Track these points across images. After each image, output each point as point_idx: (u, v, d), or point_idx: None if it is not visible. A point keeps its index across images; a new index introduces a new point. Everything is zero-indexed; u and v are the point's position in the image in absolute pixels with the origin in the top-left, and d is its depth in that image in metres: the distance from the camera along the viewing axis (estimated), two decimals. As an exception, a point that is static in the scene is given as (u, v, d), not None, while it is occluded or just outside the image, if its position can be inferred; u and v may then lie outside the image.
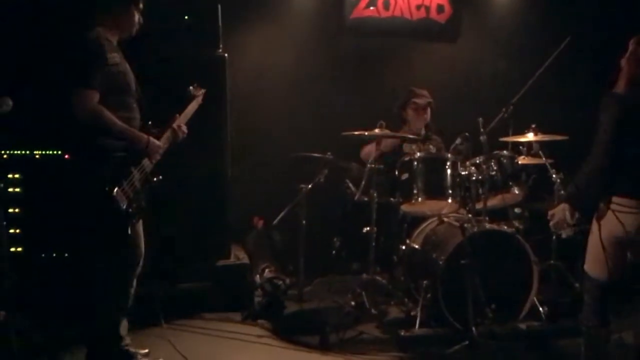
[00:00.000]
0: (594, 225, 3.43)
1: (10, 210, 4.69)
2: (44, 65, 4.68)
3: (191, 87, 4.16)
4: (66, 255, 4.78)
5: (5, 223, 4.02)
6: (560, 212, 3.50)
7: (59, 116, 4.13)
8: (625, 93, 3.35)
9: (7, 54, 4.84)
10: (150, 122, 3.80)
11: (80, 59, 3.49)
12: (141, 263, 3.86)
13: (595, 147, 3.34)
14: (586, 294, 3.54)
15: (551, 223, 3.58)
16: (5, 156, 4.74)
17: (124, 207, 3.44)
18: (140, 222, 3.81)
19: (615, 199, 3.31)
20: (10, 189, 4.73)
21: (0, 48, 4.82)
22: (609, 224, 3.33)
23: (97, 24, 3.63)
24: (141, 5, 3.81)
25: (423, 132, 5.57)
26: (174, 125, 3.90)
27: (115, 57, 3.58)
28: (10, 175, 4.74)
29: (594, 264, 3.44)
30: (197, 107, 4.15)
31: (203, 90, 4.20)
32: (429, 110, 5.55)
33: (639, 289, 3.63)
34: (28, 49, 4.83)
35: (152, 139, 3.71)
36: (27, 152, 4.80)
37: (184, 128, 3.96)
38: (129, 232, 3.56)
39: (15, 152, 4.78)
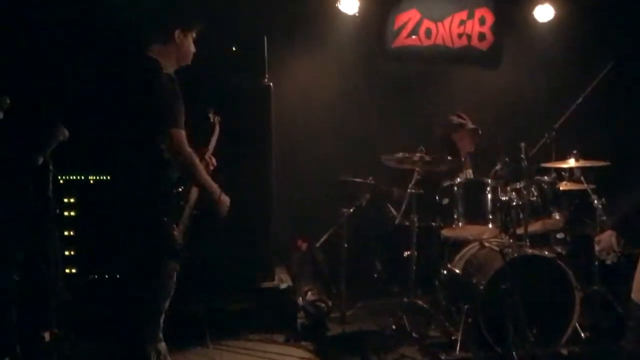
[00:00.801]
0: None
1: (66, 232, 4.89)
2: (101, 93, 4.92)
3: (209, 114, 4.19)
4: (117, 277, 4.95)
5: (60, 243, 4.16)
6: (606, 239, 3.52)
7: (113, 142, 4.37)
8: None
9: (63, 83, 5.11)
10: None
11: (170, 99, 3.46)
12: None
13: None
14: (631, 320, 3.53)
15: (597, 249, 3.59)
16: (61, 181, 4.96)
17: (180, 247, 3.50)
18: None
19: None
20: (66, 212, 4.94)
21: (57, 78, 5.10)
22: None
23: (158, 55, 3.63)
24: (195, 33, 3.80)
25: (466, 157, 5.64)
26: (206, 158, 3.91)
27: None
28: (66, 199, 4.95)
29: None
30: (218, 135, 4.15)
31: (218, 117, 4.21)
32: (477, 135, 5.62)
33: None
34: (83, 78, 5.08)
35: (224, 196, 3.67)
36: (82, 177, 5.00)
37: (214, 160, 3.96)
38: (174, 266, 3.59)
39: (71, 177, 4.99)
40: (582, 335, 4.60)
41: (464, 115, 5.69)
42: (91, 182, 5.01)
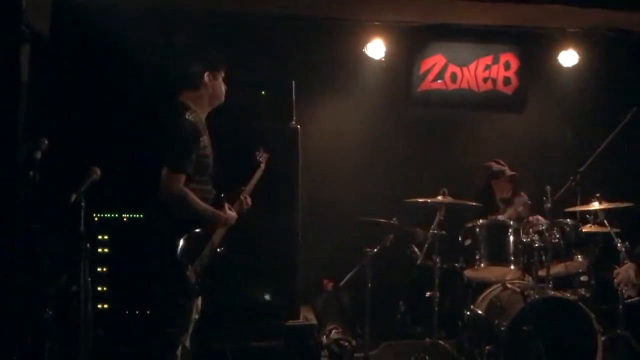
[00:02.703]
0: None
1: (99, 269, 5.05)
2: (134, 134, 5.15)
3: (257, 152, 4.34)
4: (147, 313, 5.09)
5: (90, 279, 4.29)
6: (625, 271, 3.58)
7: (147, 181, 4.56)
8: None
9: (98, 124, 5.35)
10: (222, 195, 3.93)
11: (178, 142, 3.62)
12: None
13: None
14: None
15: (616, 281, 3.65)
16: (96, 219, 5.14)
17: (193, 284, 3.62)
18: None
19: None
20: (100, 249, 5.11)
21: (92, 119, 5.35)
22: None
23: (189, 99, 3.80)
24: (224, 73, 3.95)
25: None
26: (242, 197, 4.04)
27: (205, 139, 3.70)
28: (99, 237, 5.13)
29: None
30: (263, 173, 4.30)
31: (267, 155, 4.35)
32: (514, 181, 5.72)
33: None
34: (117, 119, 5.32)
35: (230, 214, 3.83)
36: (116, 215, 5.19)
37: (249, 200, 4.08)
38: (190, 305, 3.72)
39: (105, 215, 5.17)
40: (605, 379, 4.60)
41: (502, 161, 5.81)
42: (124, 220, 5.18)
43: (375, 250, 5.29)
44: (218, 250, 3.87)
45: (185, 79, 3.87)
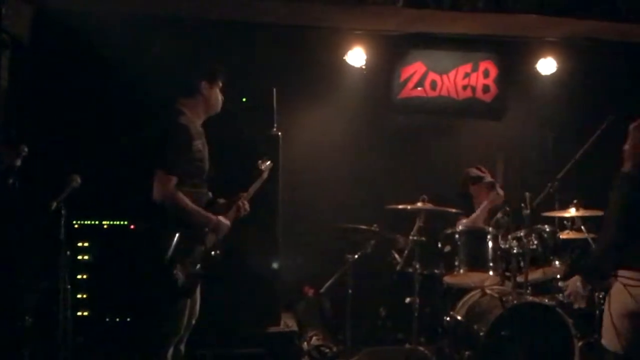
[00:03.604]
0: (606, 300, 3.53)
1: (79, 276, 5.03)
2: (114, 141, 5.15)
3: (259, 161, 4.35)
4: (128, 320, 5.08)
5: (69, 287, 4.28)
6: (572, 284, 3.66)
7: (128, 188, 4.57)
8: (633, 172, 3.52)
9: (77, 131, 5.35)
10: (219, 200, 4.01)
11: (168, 145, 3.69)
12: (190, 326, 4.01)
13: (607, 223, 3.49)
14: None
15: (565, 293, 3.72)
16: (76, 226, 5.12)
17: (182, 284, 3.64)
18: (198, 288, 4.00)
19: (624, 272, 3.39)
20: (80, 257, 5.08)
21: (71, 126, 5.34)
22: (620, 297, 3.41)
23: (184, 106, 3.85)
24: (221, 84, 4.02)
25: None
26: (239, 202, 4.07)
27: (199, 144, 3.78)
28: (80, 244, 5.10)
29: (608, 337, 3.52)
30: (263, 182, 4.33)
31: (269, 164, 4.37)
32: (493, 189, 5.77)
33: None
34: (97, 126, 5.32)
35: (221, 219, 3.88)
36: (96, 222, 5.17)
37: (247, 206, 4.11)
38: (181, 307, 3.75)
39: (85, 222, 5.15)
40: (582, 382, 4.66)
41: (484, 168, 5.86)
42: (105, 227, 5.17)
43: (356, 256, 5.32)
44: (213, 253, 3.89)
45: (182, 86, 3.94)
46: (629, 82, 6.51)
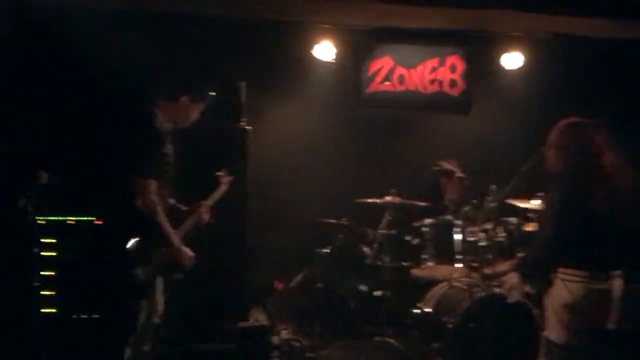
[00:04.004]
0: (546, 295, 3.68)
1: (45, 273, 4.95)
2: (85, 139, 5.09)
3: (219, 173, 4.40)
4: (96, 316, 5.02)
5: (38, 284, 4.24)
6: (510, 280, 3.75)
7: (94, 185, 4.52)
8: (565, 173, 3.62)
9: (47, 128, 5.26)
10: (179, 206, 4.04)
11: (146, 150, 3.70)
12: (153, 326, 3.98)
13: (543, 223, 3.69)
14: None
15: (503, 289, 3.81)
16: (41, 222, 5.04)
17: (140, 283, 3.66)
18: (160, 287, 3.99)
19: (562, 269, 3.57)
20: (45, 253, 5.02)
21: (42, 123, 5.25)
22: (559, 293, 3.57)
23: (160, 107, 3.86)
24: (203, 105, 4.08)
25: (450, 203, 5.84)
26: (199, 211, 4.11)
27: (169, 148, 3.82)
28: (45, 240, 5.04)
29: (552, 329, 3.64)
30: (223, 193, 4.37)
31: (230, 178, 4.43)
32: (463, 185, 5.83)
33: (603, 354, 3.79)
34: (68, 124, 5.24)
35: (183, 249, 3.88)
36: (62, 218, 5.10)
37: (206, 216, 4.15)
38: (139, 306, 3.75)
39: (51, 218, 5.08)
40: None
41: (455, 163, 5.90)
42: (70, 222, 5.10)
43: (326, 250, 5.34)
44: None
45: (164, 90, 3.96)
46: (594, 77, 6.60)
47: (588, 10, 5.70)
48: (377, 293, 5.20)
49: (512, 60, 6.68)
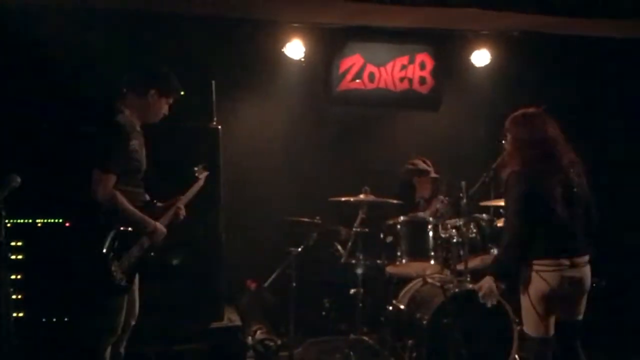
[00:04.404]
0: (522, 289, 3.76)
1: (13, 276, 4.85)
2: (52, 139, 4.99)
3: (196, 168, 4.36)
4: (65, 319, 4.94)
5: (11, 289, 4.16)
6: (486, 285, 3.80)
7: (62, 186, 4.43)
8: (524, 170, 3.69)
9: (14, 128, 5.14)
10: (155, 201, 4.00)
11: (106, 144, 3.66)
12: (130, 325, 3.99)
13: (508, 221, 3.75)
14: (531, 354, 3.80)
15: (480, 294, 3.86)
16: (9, 225, 4.93)
17: (119, 281, 3.61)
18: (136, 287, 3.97)
19: (536, 261, 3.66)
20: (13, 256, 4.91)
21: (10, 123, 5.14)
22: (536, 284, 3.66)
23: (125, 104, 3.82)
24: (172, 99, 4.02)
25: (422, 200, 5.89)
26: (176, 206, 4.07)
27: (136, 144, 3.75)
28: (13, 243, 4.93)
29: (530, 323, 3.74)
30: (200, 188, 4.33)
31: (206, 173, 4.40)
32: (436, 184, 5.87)
33: (574, 345, 3.86)
34: (35, 121, 5.13)
35: (159, 225, 3.86)
36: (30, 220, 5.01)
37: (183, 211, 4.11)
38: (119, 304, 3.71)
39: (18, 220, 4.98)
40: (521, 367, 4.80)
41: (429, 162, 5.94)
42: (39, 225, 5.01)
43: (299, 249, 5.33)
44: (151, 254, 3.87)
45: (132, 84, 3.90)
46: (561, 74, 6.71)
47: (555, 8, 5.77)
48: (352, 291, 5.19)
49: (481, 57, 6.76)
